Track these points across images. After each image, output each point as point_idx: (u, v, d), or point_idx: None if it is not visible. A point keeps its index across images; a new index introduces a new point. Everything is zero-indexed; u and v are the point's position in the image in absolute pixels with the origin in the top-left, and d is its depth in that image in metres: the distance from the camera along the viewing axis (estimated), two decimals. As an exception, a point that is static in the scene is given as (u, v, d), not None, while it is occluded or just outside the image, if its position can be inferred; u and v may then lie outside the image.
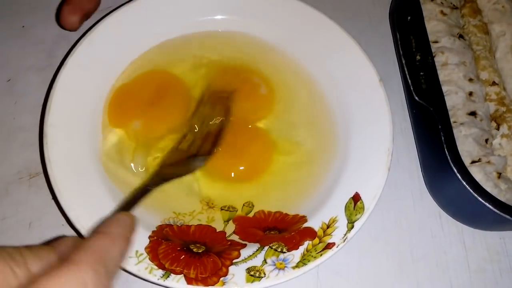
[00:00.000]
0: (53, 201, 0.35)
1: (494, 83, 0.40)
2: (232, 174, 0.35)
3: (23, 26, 0.44)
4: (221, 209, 0.34)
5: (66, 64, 0.34)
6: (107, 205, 0.31)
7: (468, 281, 0.35)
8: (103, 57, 0.36)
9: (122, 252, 0.21)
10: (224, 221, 0.33)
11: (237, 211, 0.34)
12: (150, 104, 0.36)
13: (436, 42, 0.41)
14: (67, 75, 0.34)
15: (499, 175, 0.34)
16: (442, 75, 0.39)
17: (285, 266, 0.29)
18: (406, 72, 0.38)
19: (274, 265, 0.29)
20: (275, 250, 0.30)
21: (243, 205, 0.34)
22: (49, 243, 0.21)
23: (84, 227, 0.29)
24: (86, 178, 0.32)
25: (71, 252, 0.19)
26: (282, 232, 0.32)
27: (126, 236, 0.22)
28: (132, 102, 0.36)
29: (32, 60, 0.42)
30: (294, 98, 0.39)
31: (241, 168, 0.35)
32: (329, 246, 0.30)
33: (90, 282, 0.18)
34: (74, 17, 0.36)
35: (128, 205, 0.28)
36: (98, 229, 0.21)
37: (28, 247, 0.19)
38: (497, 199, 0.31)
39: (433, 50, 0.39)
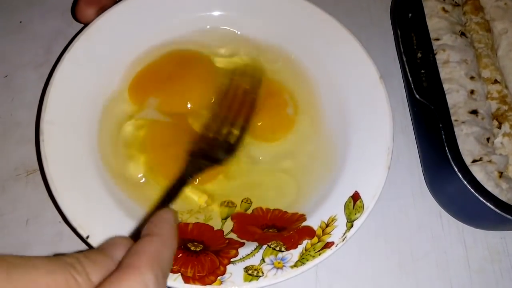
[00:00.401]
0: (50, 198, 0.35)
1: (496, 81, 0.39)
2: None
3: (20, 22, 0.44)
4: (220, 205, 0.34)
5: (63, 60, 0.34)
6: (104, 203, 0.30)
7: (469, 281, 0.34)
8: (101, 53, 0.36)
9: (172, 253, 0.21)
10: (222, 219, 0.33)
11: (236, 206, 0.34)
12: (169, 78, 0.36)
13: (437, 39, 0.40)
14: (64, 72, 0.34)
15: (501, 174, 0.34)
16: (444, 73, 0.39)
17: (284, 265, 0.29)
18: (407, 70, 0.38)
19: (272, 264, 0.29)
20: (274, 249, 0.30)
21: (242, 201, 0.34)
22: (100, 248, 0.21)
23: (81, 225, 0.29)
24: (83, 175, 0.31)
25: (127, 257, 0.20)
26: (281, 230, 0.32)
27: (175, 236, 0.22)
28: (154, 78, 0.37)
29: (30, 56, 0.42)
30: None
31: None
32: (328, 245, 0.30)
33: (151, 284, 0.19)
34: (90, 9, 0.35)
35: (167, 199, 0.28)
36: (148, 231, 0.22)
37: (84, 254, 0.19)
38: (498, 198, 0.31)
39: (434, 48, 0.39)
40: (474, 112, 0.37)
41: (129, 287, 0.18)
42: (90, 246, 0.29)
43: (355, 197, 0.31)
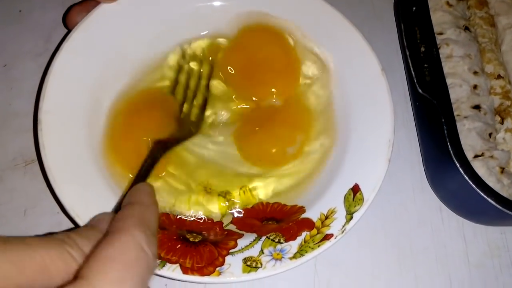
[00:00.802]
0: (48, 189, 0.35)
1: (499, 77, 0.39)
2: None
3: (20, 11, 0.43)
4: (219, 195, 0.33)
5: (62, 50, 0.33)
6: (102, 193, 0.30)
7: (468, 276, 0.34)
8: (100, 43, 0.35)
9: (156, 217, 0.22)
10: (222, 215, 0.33)
11: (234, 200, 0.33)
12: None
13: (441, 33, 0.40)
14: (63, 61, 0.33)
15: (502, 170, 0.34)
16: (447, 67, 0.38)
17: (282, 257, 0.29)
18: (410, 64, 0.38)
19: (271, 255, 0.29)
20: (273, 240, 0.30)
21: (240, 189, 0.33)
22: (88, 224, 0.22)
23: (79, 215, 0.28)
24: (81, 165, 0.31)
25: (113, 224, 0.20)
26: (280, 222, 0.32)
27: (154, 202, 0.23)
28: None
29: (29, 46, 0.42)
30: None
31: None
32: (327, 237, 0.29)
33: (143, 242, 0.19)
34: (81, 17, 0.35)
35: (141, 176, 0.29)
36: (128, 200, 0.22)
37: (74, 231, 0.20)
38: (499, 194, 0.31)
39: (438, 42, 0.39)
40: (477, 107, 0.37)
41: (122, 247, 0.18)
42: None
43: (355, 189, 0.31)
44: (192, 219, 0.32)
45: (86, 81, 0.34)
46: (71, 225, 0.32)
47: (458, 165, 0.32)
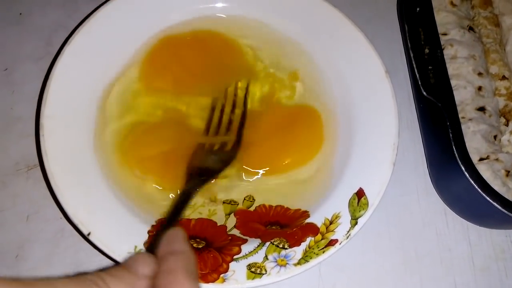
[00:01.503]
0: (50, 195, 0.35)
1: (504, 77, 0.39)
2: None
3: (20, 14, 0.43)
4: (223, 203, 0.33)
5: (63, 54, 0.33)
6: (106, 200, 0.30)
7: (473, 280, 0.34)
8: (102, 46, 0.35)
9: (197, 266, 0.21)
10: (226, 215, 0.33)
11: (238, 204, 0.33)
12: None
13: (445, 34, 0.40)
14: (64, 65, 0.33)
15: (508, 173, 0.33)
16: (451, 68, 0.38)
17: (287, 263, 0.29)
18: (414, 66, 0.37)
19: (276, 261, 0.29)
20: (277, 246, 0.30)
21: (244, 199, 0.33)
22: (123, 264, 0.20)
23: (82, 222, 0.28)
24: (84, 171, 0.31)
25: (164, 277, 0.19)
26: (284, 227, 0.32)
27: (192, 250, 0.22)
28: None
29: (30, 49, 0.41)
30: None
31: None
32: (332, 243, 0.29)
33: None
34: None
35: (175, 214, 0.28)
36: (169, 249, 0.21)
37: (106, 271, 0.19)
38: (504, 198, 0.31)
39: (442, 43, 0.38)
40: (482, 109, 0.36)
41: None
42: (91, 244, 0.28)
43: (360, 194, 0.31)
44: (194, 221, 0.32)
45: (88, 85, 0.34)
46: (74, 232, 0.32)
47: (463, 168, 0.31)
